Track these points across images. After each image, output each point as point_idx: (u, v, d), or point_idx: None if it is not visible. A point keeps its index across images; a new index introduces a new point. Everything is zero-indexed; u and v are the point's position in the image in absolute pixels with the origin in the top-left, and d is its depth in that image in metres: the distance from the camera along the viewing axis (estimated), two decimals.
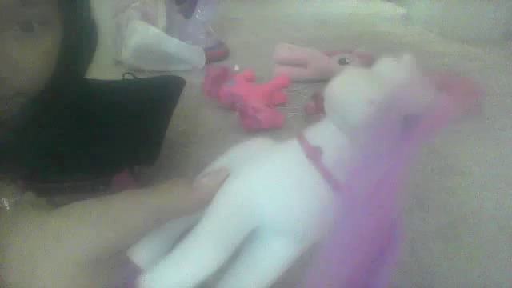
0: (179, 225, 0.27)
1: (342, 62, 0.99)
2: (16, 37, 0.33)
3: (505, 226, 0.57)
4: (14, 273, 0.26)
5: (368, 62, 0.99)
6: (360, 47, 1.05)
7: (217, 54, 1.21)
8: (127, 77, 0.78)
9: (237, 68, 1.10)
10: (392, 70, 0.23)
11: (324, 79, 1.11)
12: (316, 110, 0.81)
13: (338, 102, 0.23)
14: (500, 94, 1.00)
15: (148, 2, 1.18)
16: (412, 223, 0.57)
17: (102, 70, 0.56)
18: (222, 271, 0.26)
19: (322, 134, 0.25)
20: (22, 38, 0.33)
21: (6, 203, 0.29)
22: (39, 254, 0.25)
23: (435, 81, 0.23)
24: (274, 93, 0.88)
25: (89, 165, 0.50)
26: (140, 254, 0.27)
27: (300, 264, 0.26)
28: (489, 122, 0.87)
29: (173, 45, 1.08)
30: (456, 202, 0.62)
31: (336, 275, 0.23)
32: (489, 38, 1.44)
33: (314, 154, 0.24)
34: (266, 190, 0.25)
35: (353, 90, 0.23)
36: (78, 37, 0.39)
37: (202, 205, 0.26)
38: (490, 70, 1.19)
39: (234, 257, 0.26)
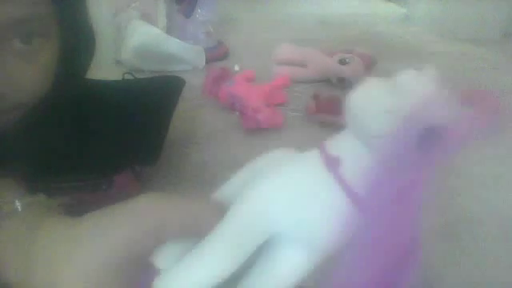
0: None
1: (342, 62, 0.99)
2: (15, 51, 0.33)
3: (505, 225, 0.57)
4: (38, 276, 0.26)
5: (368, 62, 0.99)
6: (360, 47, 1.05)
7: (217, 54, 1.21)
8: (127, 77, 0.78)
9: (237, 68, 1.10)
10: (415, 82, 0.23)
11: (324, 79, 1.11)
12: (316, 110, 0.81)
13: (357, 112, 0.23)
14: (500, 94, 1.00)
15: (148, 1, 1.18)
16: None
17: (102, 70, 0.56)
18: (236, 280, 0.26)
19: (342, 144, 0.25)
20: (22, 51, 0.33)
21: (17, 204, 0.29)
22: (69, 258, 0.26)
23: (458, 95, 0.23)
24: (273, 93, 0.88)
25: (90, 165, 0.50)
26: (162, 257, 0.27)
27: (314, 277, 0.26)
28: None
29: (173, 45, 1.08)
30: (456, 202, 0.62)
31: None
32: (489, 38, 1.44)
33: (332, 164, 0.24)
34: (283, 198, 0.25)
35: (373, 101, 0.23)
36: (77, 44, 0.39)
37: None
38: (490, 69, 1.19)
39: (248, 266, 0.26)
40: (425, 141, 0.22)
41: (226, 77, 0.88)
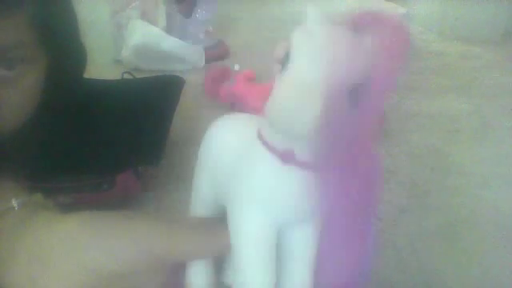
0: None
1: None
2: None
3: (504, 225, 0.57)
4: (21, 273, 0.26)
5: None
6: None
7: (216, 54, 1.21)
8: (126, 76, 0.78)
9: (237, 67, 1.09)
10: (310, 59, 0.21)
11: None
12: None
13: (283, 127, 0.21)
14: (500, 94, 1.00)
15: (148, 1, 1.18)
16: (412, 223, 0.57)
17: (102, 69, 0.56)
18: None
19: (278, 136, 0.24)
20: (5, 78, 0.32)
21: (14, 203, 0.29)
22: (52, 256, 0.25)
23: (353, 24, 0.22)
24: None
25: (92, 165, 0.50)
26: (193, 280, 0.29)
27: None
28: (489, 122, 0.87)
29: (173, 44, 1.08)
30: (456, 202, 0.62)
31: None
32: (489, 38, 1.44)
33: (288, 158, 0.24)
34: (273, 198, 0.25)
35: (297, 114, 0.20)
36: (66, 62, 0.38)
37: (222, 250, 0.27)
38: (490, 69, 1.19)
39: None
40: (353, 97, 0.21)
41: (226, 76, 0.88)
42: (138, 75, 0.82)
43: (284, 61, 0.23)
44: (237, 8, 1.86)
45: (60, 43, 0.37)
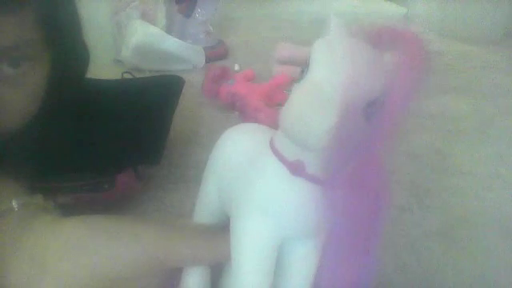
0: None
1: None
2: (3, 75, 0.32)
3: (505, 225, 0.57)
4: (21, 275, 0.26)
5: None
6: None
7: (217, 53, 1.21)
8: (126, 76, 0.78)
9: (237, 67, 1.09)
10: (328, 70, 0.21)
11: None
12: None
13: (296, 136, 0.21)
14: (500, 94, 1.00)
15: (148, 1, 1.18)
16: (412, 223, 0.57)
17: (102, 69, 0.56)
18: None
19: (291, 146, 0.24)
20: (10, 75, 0.32)
21: (14, 204, 0.29)
22: (52, 259, 0.25)
23: (373, 40, 0.21)
24: (274, 92, 0.88)
25: (92, 165, 0.50)
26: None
27: None
28: (489, 122, 0.87)
29: (173, 44, 1.08)
30: (456, 202, 0.62)
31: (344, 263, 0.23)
32: (489, 38, 1.44)
33: (298, 169, 0.24)
34: (278, 210, 0.25)
35: (311, 125, 0.20)
36: (69, 62, 0.38)
37: (222, 258, 0.27)
38: (490, 69, 1.19)
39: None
40: (368, 112, 0.21)
41: (226, 76, 0.88)
42: (138, 75, 0.82)
43: (303, 69, 0.23)
44: (237, 8, 1.86)
45: (64, 42, 0.37)
